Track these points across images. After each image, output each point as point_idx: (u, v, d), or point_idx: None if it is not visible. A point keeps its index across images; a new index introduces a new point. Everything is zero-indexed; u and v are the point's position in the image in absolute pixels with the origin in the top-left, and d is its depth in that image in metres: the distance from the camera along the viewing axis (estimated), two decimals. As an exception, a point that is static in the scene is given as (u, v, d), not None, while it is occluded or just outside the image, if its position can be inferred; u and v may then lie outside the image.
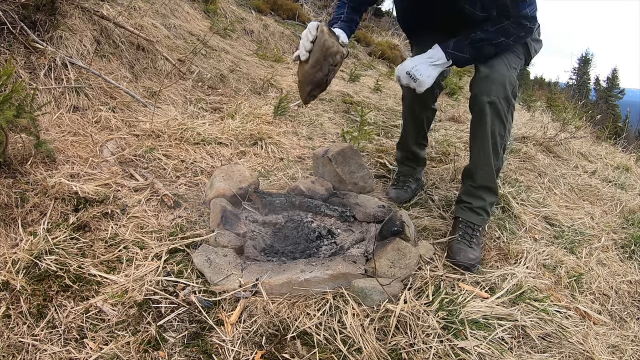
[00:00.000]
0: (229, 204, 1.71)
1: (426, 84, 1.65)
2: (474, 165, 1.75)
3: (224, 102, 3.23)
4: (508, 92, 1.61)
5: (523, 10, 1.54)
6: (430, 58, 1.65)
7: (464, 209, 1.77)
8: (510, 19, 1.56)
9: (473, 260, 1.60)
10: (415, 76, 1.64)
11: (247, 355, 1.16)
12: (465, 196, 1.79)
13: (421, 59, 1.66)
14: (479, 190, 1.76)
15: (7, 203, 1.55)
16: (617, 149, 4.25)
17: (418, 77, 1.64)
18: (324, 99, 3.93)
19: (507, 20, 1.56)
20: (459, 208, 1.80)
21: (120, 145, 2.17)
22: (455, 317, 1.31)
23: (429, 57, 1.65)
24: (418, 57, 1.67)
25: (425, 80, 1.64)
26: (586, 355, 1.32)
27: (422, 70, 1.64)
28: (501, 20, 1.57)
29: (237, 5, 6.48)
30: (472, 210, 1.75)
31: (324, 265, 1.44)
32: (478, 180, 1.75)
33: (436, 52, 1.65)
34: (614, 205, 2.54)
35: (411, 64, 1.66)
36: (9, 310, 1.22)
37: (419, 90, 1.68)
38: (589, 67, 33.79)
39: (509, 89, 1.61)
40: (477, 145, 1.72)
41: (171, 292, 1.33)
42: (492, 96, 1.60)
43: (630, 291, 1.78)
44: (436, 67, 1.65)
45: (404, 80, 1.69)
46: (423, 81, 1.64)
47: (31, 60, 2.39)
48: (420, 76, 1.64)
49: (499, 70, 1.61)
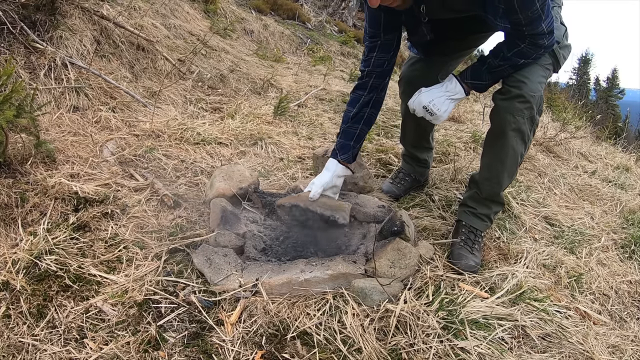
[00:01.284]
0: (229, 204, 1.71)
1: (443, 119, 1.61)
2: (483, 178, 1.70)
3: (224, 102, 3.23)
4: (534, 111, 1.54)
5: (539, 28, 1.38)
6: (447, 92, 1.59)
7: (468, 213, 1.74)
8: (526, 41, 1.43)
9: (473, 267, 1.59)
10: (432, 111, 1.59)
11: (247, 355, 1.16)
12: (470, 201, 1.76)
13: (439, 93, 1.59)
14: (485, 200, 1.73)
15: (7, 203, 1.55)
16: (617, 149, 4.25)
17: (435, 112, 1.59)
18: (324, 99, 3.93)
19: (522, 44, 1.44)
20: (463, 211, 1.77)
21: (120, 145, 2.17)
22: (455, 317, 1.31)
23: (447, 90, 1.59)
24: (435, 90, 1.60)
25: (443, 115, 1.59)
26: (586, 355, 1.32)
27: (439, 105, 1.58)
28: (517, 43, 1.45)
29: (237, 5, 6.48)
30: (476, 216, 1.73)
31: (324, 265, 1.44)
32: (484, 193, 1.71)
33: (454, 85, 1.58)
34: (614, 205, 2.54)
35: (428, 98, 1.59)
36: (9, 310, 1.22)
37: (436, 122, 1.65)
38: (589, 67, 33.79)
39: (535, 108, 1.53)
40: (490, 160, 1.66)
41: (171, 292, 1.33)
42: (518, 116, 1.52)
43: (630, 291, 1.78)
44: (453, 101, 1.59)
45: (419, 113, 1.64)
46: (440, 116, 1.59)
47: (31, 60, 2.39)
48: (438, 111, 1.58)
49: (529, 88, 1.50)
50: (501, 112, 1.55)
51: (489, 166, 1.68)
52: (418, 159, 2.18)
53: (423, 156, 2.18)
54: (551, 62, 1.60)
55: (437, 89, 1.61)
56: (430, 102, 1.59)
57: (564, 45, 1.63)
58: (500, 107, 1.56)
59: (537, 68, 1.54)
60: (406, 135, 2.17)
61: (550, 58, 1.59)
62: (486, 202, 1.73)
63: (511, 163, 1.63)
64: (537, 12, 1.33)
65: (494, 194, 1.70)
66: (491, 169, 1.67)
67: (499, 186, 1.68)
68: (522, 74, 1.52)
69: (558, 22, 1.62)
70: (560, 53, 1.61)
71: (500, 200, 1.74)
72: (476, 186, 1.74)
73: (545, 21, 1.37)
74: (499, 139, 1.60)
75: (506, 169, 1.64)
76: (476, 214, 1.73)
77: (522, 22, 1.36)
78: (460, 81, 1.59)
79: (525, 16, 1.34)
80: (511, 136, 1.56)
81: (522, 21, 1.36)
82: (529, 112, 1.53)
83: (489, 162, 1.68)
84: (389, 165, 2.56)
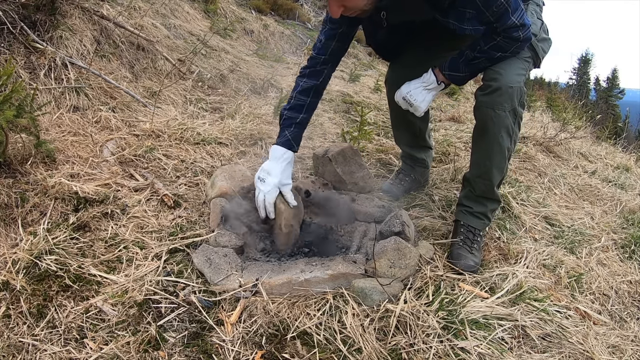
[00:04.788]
0: (229, 203, 1.71)
1: (422, 109, 1.68)
2: (473, 176, 1.71)
3: (224, 102, 3.23)
4: (515, 103, 1.53)
5: (508, 21, 1.41)
6: (423, 83, 1.66)
7: (465, 212, 1.74)
8: (500, 35, 1.46)
9: (473, 267, 1.59)
10: (410, 101, 1.67)
11: (247, 355, 1.16)
12: (465, 200, 1.76)
13: (416, 84, 1.67)
14: (480, 198, 1.73)
15: (7, 203, 1.55)
16: (617, 149, 4.25)
17: (413, 103, 1.67)
18: (324, 99, 3.93)
19: (498, 37, 1.47)
20: (460, 211, 1.77)
21: (120, 145, 2.17)
22: (455, 317, 1.31)
23: (423, 81, 1.66)
24: (414, 82, 1.68)
25: (421, 105, 1.67)
26: (586, 355, 1.32)
27: (415, 95, 1.66)
28: (493, 37, 1.48)
29: (237, 5, 6.48)
30: (473, 215, 1.73)
31: (324, 265, 1.44)
32: (477, 190, 1.71)
33: (429, 76, 1.65)
34: (614, 205, 2.53)
35: (406, 90, 1.68)
36: (9, 310, 1.22)
37: (417, 114, 1.71)
38: (589, 67, 33.77)
39: (516, 100, 1.53)
40: (478, 157, 1.68)
41: (171, 292, 1.33)
42: (498, 110, 1.53)
43: (630, 291, 1.78)
44: (430, 92, 1.66)
45: (402, 105, 1.72)
46: (418, 106, 1.67)
47: (31, 60, 2.39)
48: (415, 101, 1.66)
49: (507, 80, 1.51)
50: (482, 108, 1.57)
51: (478, 163, 1.69)
52: (415, 158, 2.18)
53: (420, 156, 2.18)
54: (530, 55, 1.63)
55: (416, 81, 1.68)
56: (408, 92, 1.67)
57: (542, 38, 1.67)
58: (481, 102, 1.58)
59: (514, 60, 1.57)
60: (399, 136, 2.19)
61: (529, 51, 1.62)
62: (481, 199, 1.73)
63: (499, 159, 1.63)
64: (502, 6, 1.38)
65: (487, 190, 1.71)
66: (480, 165, 1.68)
67: (490, 182, 1.68)
68: (498, 67, 1.55)
69: (535, 17, 1.67)
70: (539, 46, 1.65)
71: (495, 197, 1.74)
72: (469, 184, 1.75)
73: (515, 14, 1.41)
74: (484, 135, 1.62)
75: (494, 164, 1.64)
76: (473, 213, 1.73)
77: (491, 19, 1.41)
78: (436, 72, 1.64)
79: (492, 13, 1.40)
80: (495, 131, 1.57)
81: (490, 18, 1.41)
82: (509, 104, 1.53)
83: (477, 159, 1.69)
84: (389, 165, 2.56)
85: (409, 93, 1.67)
